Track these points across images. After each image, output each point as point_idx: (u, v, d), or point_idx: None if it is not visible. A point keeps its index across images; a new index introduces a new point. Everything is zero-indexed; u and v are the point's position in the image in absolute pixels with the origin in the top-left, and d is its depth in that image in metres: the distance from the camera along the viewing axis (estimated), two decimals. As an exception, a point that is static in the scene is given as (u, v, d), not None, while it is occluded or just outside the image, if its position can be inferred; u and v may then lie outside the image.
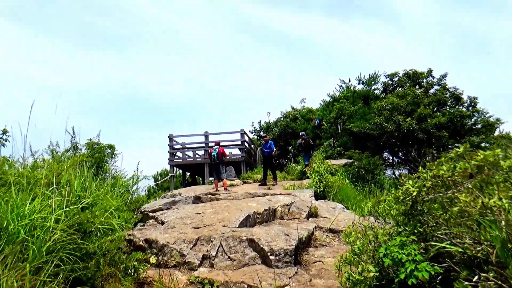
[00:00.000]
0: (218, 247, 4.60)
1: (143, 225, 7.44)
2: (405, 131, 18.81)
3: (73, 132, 9.43)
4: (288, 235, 4.92)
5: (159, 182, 26.11)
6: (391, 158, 22.82)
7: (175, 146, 23.39)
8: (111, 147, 9.55)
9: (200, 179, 27.55)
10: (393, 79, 24.32)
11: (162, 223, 6.91)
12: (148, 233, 5.45)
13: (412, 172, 16.46)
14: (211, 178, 24.92)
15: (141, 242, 5.06)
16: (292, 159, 23.48)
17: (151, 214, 7.77)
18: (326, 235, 6.43)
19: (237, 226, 5.72)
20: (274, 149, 14.96)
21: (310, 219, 7.62)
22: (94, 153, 9.26)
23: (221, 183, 12.13)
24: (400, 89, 23.63)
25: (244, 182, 18.88)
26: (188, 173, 26.69)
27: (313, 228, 6.27)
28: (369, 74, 28.68)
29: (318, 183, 9.80)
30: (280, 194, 8.61)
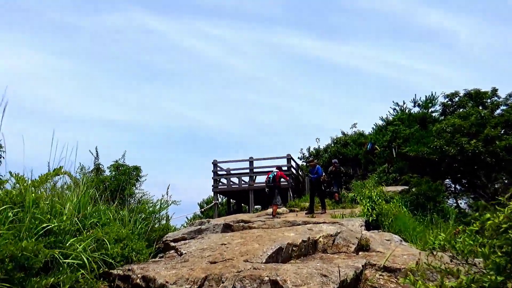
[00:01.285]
0: (230, 291, 3.46)
1: (162, 257, 6.41)
2: (470, 154, 16.83)
3: (97, 153, 8.74)
4: (325, 276, 3.67)
5: (203, 209, 25.30)
6: (452, 185, 20.65)
7: (219, 172, 22.56)
8: (137, 168, 8.73)
9: (246, 206, 26.47)
10: (453, 100, 22.38)
11: (181, 254, 5.84)
12: (152, 268, 4.39)
13: (480, 201, 14.44)
14: (256, 206, 23.81)
15: (138, 280, 4.00)
16: (344, 186, 21.87)
17: (172, 244, 6.74)
18: (380, 275, 5.07)
19: (264, 261, 4.53)
20: (323, 174, 13.63)
21: (359, 253, 6.26)
22: (118, 176, 8.48)
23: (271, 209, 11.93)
24: (461, 110, 21.62)
25: (291, 210, 17.55)
26: (233, 200, 25.71)
27: (363, 266, 4.94)
28: (426, 96, 26.76)
29: (370, 210, 8.39)
30: (324, 222, 7.32)
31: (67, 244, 3.22)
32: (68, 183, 8.51)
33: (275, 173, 13.27)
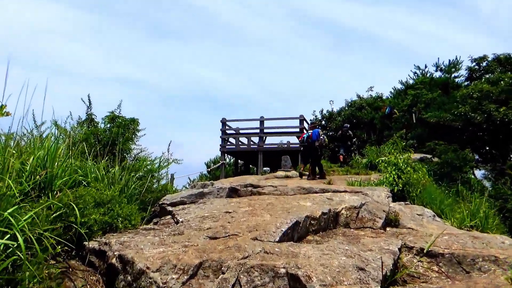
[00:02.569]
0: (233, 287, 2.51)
1: (156, 223, 5.50)
2: (498, 122, 15.57)
3: (89, 101, 7.71)
4: (362, 270, 2.70)
5: (210, 169, 24.53)
6: (476, 155, 19.51)
7: (228, 132, 21.58)
8: (134, 121, 7.71)
9: (254, 168, 25.66)
10: (481, 65, 20.81)
11: (177, 222, 4.92)
12: (135, 242, 3.45)
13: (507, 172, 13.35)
14: (265, 168, 22.95)
15: (114, 260, 3.07)
16: (356, 151, 20.83)
17: (169, 208, 5.81)
18: (418, 261, 4.11)
19: (277, 239, 3.57)
20: (319, 138, 12.98)
21: (387, 229, 5.30)
22: (112, 128, 7.48)
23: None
24: (489, 75, 20.13)
25: (301, 174, 16.67)
26: (241, 161, 24.88)
27: (399, 249, 3.97)
28: (449, 60, 25.17)
29: (396, 179, 7.37)
30: (345, 191, 6.32)
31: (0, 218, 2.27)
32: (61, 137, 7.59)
33: (309, 133, 13.35)
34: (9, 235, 2.24)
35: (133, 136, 7.60)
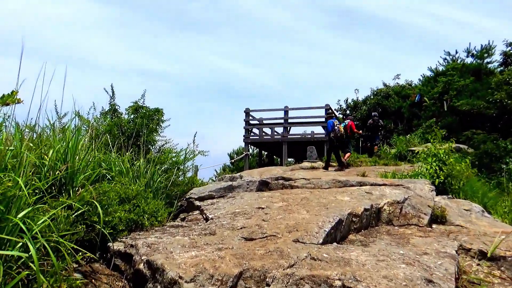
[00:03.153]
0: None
1: (184, 219, 5.18)
2: (537, 110, 14.74)
3: (112, 91, 7.43)
4: (431, 282, 2.29)
5: (233, 160, 24.25)
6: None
7: (252, 122, 21.18)
8: (158, 111, 7.39)
9: (278, 159, 25.25)
10: (516, 48, 19.79)
11: (206, 219, 4.58)
12: (164, 244, 3.11)
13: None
14: (289, 159, 22.53)
15: (141, 266, 2.74)
16: (384, 141, 20.18)
17: (197, 203, 5.48)
18: (477, 265, 3.66)
19: (321, 241, 3.19)
20: (334, 129, 12.53)
21: (433, 226, 4.85)
22: (136, 119, 7.19)
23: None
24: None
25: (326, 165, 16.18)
26: (265, 152, 24.50)
27: (456, 252, 3.53)
28: (481, 45, 24.09)
29: (438, 171, 6.86)
30: (384, 184, 5.86)
31: (10, 223, 1.93)
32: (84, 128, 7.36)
33: (346, 123, 13.61)
34: (21, 243, 1.93)
35: (157, 127, 7.29)
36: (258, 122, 21.75)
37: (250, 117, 20.86)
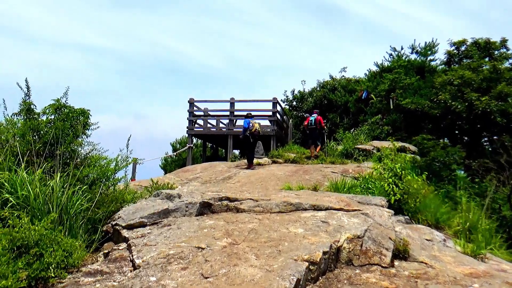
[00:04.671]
0: None
1: (107, 255, 4.26)
2: (479, 112, 14.94)
3: (27, 87, 6.24)
4: None
5: (176, 152, 23.15)
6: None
7: (196, 113, 20.17)
8: (84, 112, 6.31)
9: (223, 151, 24.44)
10: (460, 48, 20.13)
11: (133, 264, 3.71)
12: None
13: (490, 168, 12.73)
14: (235, 151, 21.79)
15: None
16: (332, 136, 19.95)
17: (124, 233, 4.57)
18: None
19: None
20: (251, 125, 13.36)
21: (396, 263, 4.30)
22: (57, 122, 6.07)
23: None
24: (467, 60, 19.48)
25: (274, 161, 15.61)
26: (210, 144, 23.59)
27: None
28: (426, 42, 24.41)
29: (395, 188, 6.37)
30: (341, 209, 5.25)
31: None
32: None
33: (315, 116, 15.11)
34: None
35: (82, 132, 6.22)
36: (203, 114, 20.77)
37: (195, 108, 19.83)
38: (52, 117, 6.33)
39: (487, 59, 18.68)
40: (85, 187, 5.12)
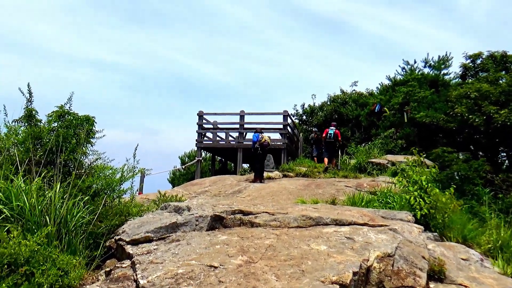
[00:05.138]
0: None
1: (109, 273, 3.83)
2: (498, 126, 14.40)
3: (30, 92, 5.90)
4: None
5: (185, 166, 22.78)
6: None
7: (205, 126, 19.83)
8: (88, 119, 5.95)
9: (232, 164, 24.02)
10: (475, 62, 19.65)
11: (137, 285, 3.27)
12: None
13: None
14: (244, 165, 21.34)
15: None
16: (343, 150, 19.46)
17: (128, 249, 4.15)
18: None
19: None
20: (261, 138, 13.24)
21: (431, 285, 3.81)
22: (60, 129, 5.70)
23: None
24: (483, 74, 18.99)
25: (284, 175, 15.14)
26: (219, 158, 23.19)
27: None
28: (439, 56, 24.04)
29: (421, 202, 5.89)
30: (366, 224, 4.78)
31: None
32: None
33: (334, 130, 15.50)
34: None
35: (86, 140, 5.85)
36: (212, 126, 20.43)
37: (204, 121, 19.50)
38: (56, 124, 5.98)
39: (503, 73, 18.17)
40: (86, 198, 4.71)
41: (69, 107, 5.98)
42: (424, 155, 7.06)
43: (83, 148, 5.79)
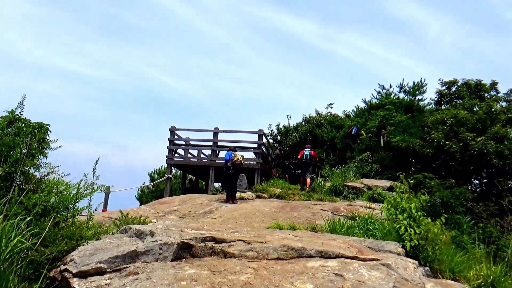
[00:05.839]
0: None
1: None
2: (475, 153, 14.28)
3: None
4: None
5: (154, 183, 21.84)
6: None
7: (177, 142, 19.06)
8: (41, 127, 5.21)
9: (203, 183, 23.21)
10: (451, 88, 19.78)
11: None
12: None
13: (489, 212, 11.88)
14: (216, 184, 20.60)
15: None
16: (318, 172, 19.02)
17: (75, 283, 3.40)
18: None
19: None
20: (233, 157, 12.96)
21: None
22: (8, 136, 4.94)
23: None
24: (458, 101, 19.12)
25: (258, 196, 14.52)
26: (190, 176, 22.36)
27: None
28: (414, 82, 24.20)
29: (412, 233, 5.36)
30: (355, 258, 4.20)
31: None
32: None
33: (309, 151, 15.57)
34: None
35: (38, 150, 5.09)
36: (184, 143, 19.67)
37: (176, 136, 18.73)
38: (3, 131, 5.20)
39: (478, 100, 18.30)
40: (29, 218, 3.96)
41: (19, 112, 5.22)
42: (399, 181, 6.57)
43: (33, 159, 5.02)
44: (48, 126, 5.27)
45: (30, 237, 3.90)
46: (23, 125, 5.17)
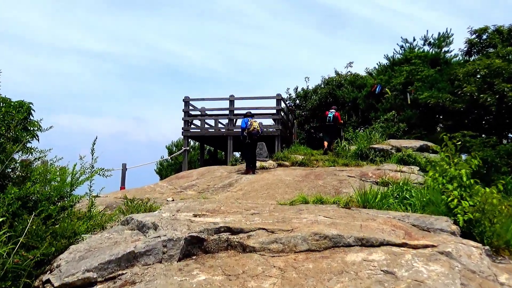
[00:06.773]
0: None
1: None
2: (511, 104, 13.09)
3: None
4: None
5: (171, 156, 21.29)
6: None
7: (192, 112, 18.31)
8: (22, 105, 4.46)
9: (223, 153, 22.58)
10: (481, 37, 18.25)
11: None
12: None
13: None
14: (235, 154, 19.93)
15: None
16: (342, 136, 18.09)
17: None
18: None
19: None
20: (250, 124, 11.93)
21: None
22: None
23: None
24: (491, 49, 17.63)
25: (279, 165, 13.75)
26: (208, 147, 21.71)
27: None
28: (439, 33, 22.59)
29: (465, 205, 4.52)
30: (404, 244, 3.38)
31: None
32: None
33: (334, 112, 15.15)
34: None
35: (20, 134, 4.36)
36: (199, 113, 18.92)
37: (191, 107, 17.98)
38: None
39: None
40: (1, 219, 3.26)
41: (-3, 91, 4.49)
42: (427, 139, 5.61)
43: (16, 143, 4.31)
44: (31, 105, 4.52)
45: (6, 239, 3.23)
46: (2, 104, 4.43)
